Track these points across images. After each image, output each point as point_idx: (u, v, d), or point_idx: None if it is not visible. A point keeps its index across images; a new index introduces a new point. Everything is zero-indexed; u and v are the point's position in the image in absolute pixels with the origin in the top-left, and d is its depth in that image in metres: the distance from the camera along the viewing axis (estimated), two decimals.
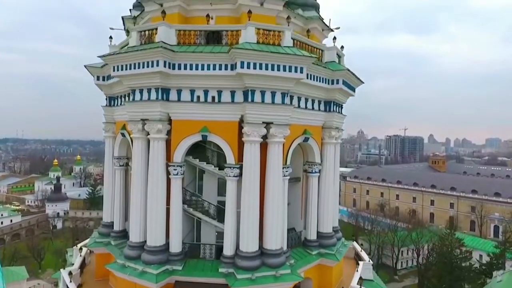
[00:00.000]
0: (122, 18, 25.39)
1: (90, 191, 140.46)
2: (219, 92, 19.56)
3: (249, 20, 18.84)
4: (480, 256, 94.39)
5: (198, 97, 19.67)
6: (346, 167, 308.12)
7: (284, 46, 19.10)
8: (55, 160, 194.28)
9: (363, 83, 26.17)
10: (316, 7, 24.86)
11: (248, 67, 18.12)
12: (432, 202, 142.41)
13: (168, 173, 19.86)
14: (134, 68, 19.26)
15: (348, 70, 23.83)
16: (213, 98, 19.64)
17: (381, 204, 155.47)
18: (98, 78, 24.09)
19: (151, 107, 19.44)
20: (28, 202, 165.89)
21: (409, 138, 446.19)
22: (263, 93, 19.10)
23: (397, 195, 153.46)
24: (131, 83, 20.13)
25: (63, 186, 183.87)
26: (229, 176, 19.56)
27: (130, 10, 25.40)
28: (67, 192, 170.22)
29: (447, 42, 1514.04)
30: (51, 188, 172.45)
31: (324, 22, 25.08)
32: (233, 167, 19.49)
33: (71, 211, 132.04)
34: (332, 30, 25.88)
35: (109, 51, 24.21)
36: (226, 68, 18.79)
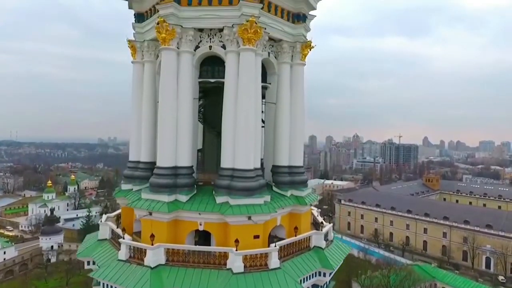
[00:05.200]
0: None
1: (84, 221, 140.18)
2: None
3: (236, 245, 19.37)
4: None
5: None
6: (341, 179, 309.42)
7: (271, 270, 19.67)
8: (49, 182, 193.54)
9: None
10: (304, 183, 25.16)
11: None
12: (425, 230, 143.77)
13: None
14: None
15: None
16: None
17: (375, 230, 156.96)
18: None
19: None
20: (21, 227, 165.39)
21: (404, 146, 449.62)
22: None
23: (391, 221, 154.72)
24: None
25: (57, 208, 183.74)
26: None
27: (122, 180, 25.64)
28: (61, 215, 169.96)
29: (439, 44, 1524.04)
30: (45, 211, 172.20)
31: (313, 191, 25.46)
32: None
33: (65, 243, 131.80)
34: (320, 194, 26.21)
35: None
36: None
